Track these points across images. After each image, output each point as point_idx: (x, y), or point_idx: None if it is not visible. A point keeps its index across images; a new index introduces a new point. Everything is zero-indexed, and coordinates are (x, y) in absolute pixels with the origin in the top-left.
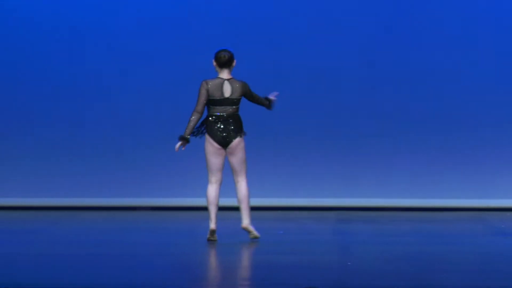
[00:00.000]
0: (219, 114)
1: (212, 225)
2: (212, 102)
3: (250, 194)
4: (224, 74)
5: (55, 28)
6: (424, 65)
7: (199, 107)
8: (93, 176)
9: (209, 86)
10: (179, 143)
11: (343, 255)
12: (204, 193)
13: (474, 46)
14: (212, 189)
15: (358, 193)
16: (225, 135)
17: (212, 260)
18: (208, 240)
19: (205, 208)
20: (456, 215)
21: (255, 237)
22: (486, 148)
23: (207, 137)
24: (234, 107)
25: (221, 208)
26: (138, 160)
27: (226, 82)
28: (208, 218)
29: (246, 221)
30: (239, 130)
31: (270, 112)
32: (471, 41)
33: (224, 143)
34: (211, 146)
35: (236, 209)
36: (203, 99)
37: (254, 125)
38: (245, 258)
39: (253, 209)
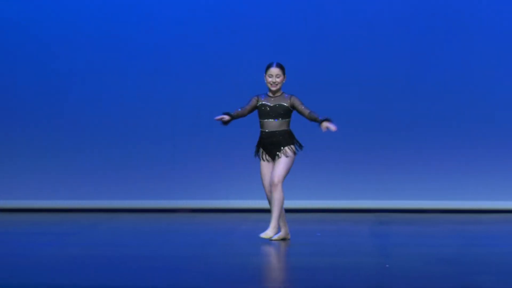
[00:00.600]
0: None
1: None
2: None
3: (294, 196)
4: None
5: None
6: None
7: None
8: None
9: None
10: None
11: (381, 258)
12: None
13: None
14: None
15: (397, 195)
16: None
17: (250, 261)
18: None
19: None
20: (496, 217)
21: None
22: None
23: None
24: None
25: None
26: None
27: None
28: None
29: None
30: None
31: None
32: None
33: None
34: None
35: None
36: None
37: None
38: (283, 260)
39: (292, 211)
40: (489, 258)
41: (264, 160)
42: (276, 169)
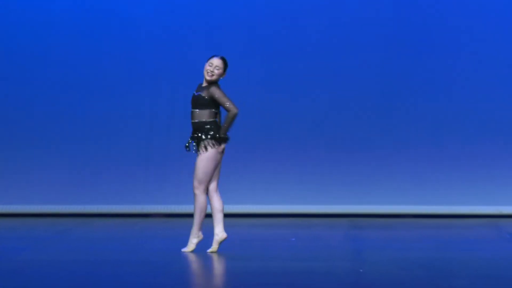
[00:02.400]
0: None
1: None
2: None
3: (268, 201)
4: None
5: (71, 38)
6: (441, 72)
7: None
8: (106, 183)
9: None
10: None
11: (355, 262)
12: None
13: (486, 55)
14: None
15: (370, 199)
16: None
17: (222, 267)
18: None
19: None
20: (469, 222)
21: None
22: (500, 155)
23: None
24: None
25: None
26: (151, 167)
27: None
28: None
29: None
30: None
31: (283, 120)
32: (483, 49)
33: None
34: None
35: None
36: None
37: (266, 132)
38: (258, 265)
39: (266, 215)
40: (462, 263)
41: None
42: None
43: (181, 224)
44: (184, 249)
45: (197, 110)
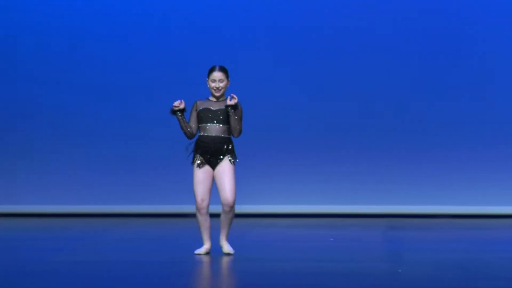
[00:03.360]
0: None
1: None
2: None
3: (305, 201)
4: None
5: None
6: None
7: None
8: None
9: None
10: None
11: (393, 263)
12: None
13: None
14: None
15: (408, 200)
16: None
17: (260, 267)
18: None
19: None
20: (507, 222)
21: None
22: None
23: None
24: None
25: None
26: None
27: None
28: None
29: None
30: None
31: (318, 120)
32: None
33: None
34: None
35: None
36: None
37: (299, 133)
38: (296, 266)
39: (304, 216)
40: (500, 263)
41: (200, 168)
42: (230, 188)
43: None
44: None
45: (220, 125)
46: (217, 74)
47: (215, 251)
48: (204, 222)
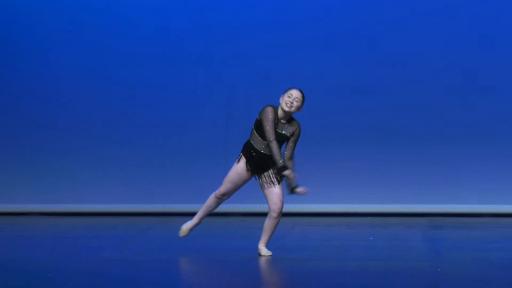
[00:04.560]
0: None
1: None
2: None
3: (346, 200)
4: None
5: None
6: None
7: None
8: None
9: None
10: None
11: (434, 261)
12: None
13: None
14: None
15: (449, 199)
16: None
17: (302, 265)
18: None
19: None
20: None
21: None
22: None
23: None
24: None
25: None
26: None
27: None
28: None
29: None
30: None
31: (357, 119)
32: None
33: None
34: None
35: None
36: None
37: (340, 132)
38: (335, 265)
39: (344, 215)
40: None
41: (247, 170)
42: (279, 193)
43: (257, 223)
44: None
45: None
46: (296, 93)
47: (253, 252)
48: (213, 205)
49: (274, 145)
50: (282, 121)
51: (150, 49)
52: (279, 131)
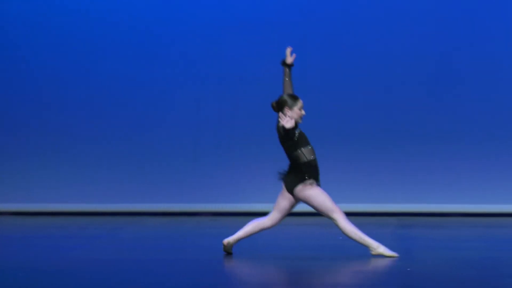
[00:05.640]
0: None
1: None
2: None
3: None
4: None
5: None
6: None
7: None
8: (156, 182)
9: None
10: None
11: (404, 261)
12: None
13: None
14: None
15: (419, 198)
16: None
17: (269, 264)
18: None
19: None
20: None
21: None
22: None
23: None
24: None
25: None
26: (199, 166)
27: None
28: None
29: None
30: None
31: (333, 118)
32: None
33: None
34: None
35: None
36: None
37: (316, 131)
38: (305, 264)
39: (314, 215)
40: None
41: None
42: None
43: (229, 223)
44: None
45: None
46: (302, 103)
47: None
48: (349, 227)
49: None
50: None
51: (121, 48)
52: (298, 132)
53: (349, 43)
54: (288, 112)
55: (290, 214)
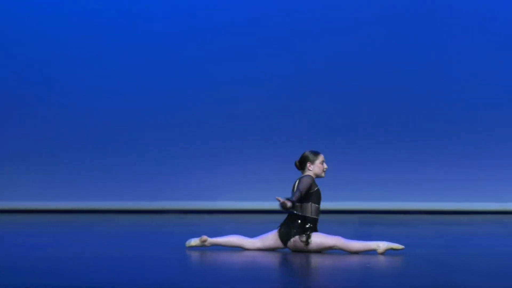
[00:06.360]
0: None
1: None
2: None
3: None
4: None
5: (75, 39)
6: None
7: None
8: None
9: None
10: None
11: (364, 258)
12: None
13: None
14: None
15: (380, 196)
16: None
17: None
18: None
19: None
20: (477, 218)
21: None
22: (506, 153)
23: None
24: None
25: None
26: (167, 164)
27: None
28: None
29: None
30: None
31: (297, 118)
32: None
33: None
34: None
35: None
36: None
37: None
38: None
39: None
40: (469, 258)
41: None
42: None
43: (195, 220)
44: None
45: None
46: (323, 157)
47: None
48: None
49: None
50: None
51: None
52: (316, 188)
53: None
54: (310, 167)
55: (266, 212)
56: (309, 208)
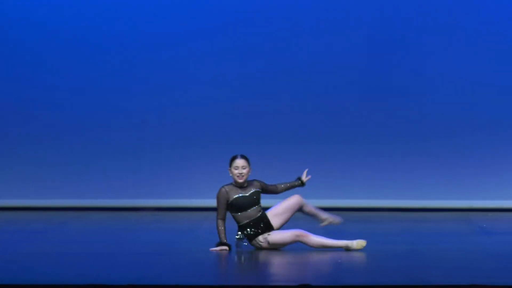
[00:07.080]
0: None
1: None
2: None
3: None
4: None
5: (65, 34)
6: (432, 70)
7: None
8: (100, 178)
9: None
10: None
11: (334, 253)
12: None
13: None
14: None
15: (348, 194)
16: None
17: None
18: None
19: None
20: (442, 216)
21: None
22: (471, 152)
23: None
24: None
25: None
26: (143, 162)
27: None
28: None
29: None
30: None
31: (265, 114)
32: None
33: None
34: None
35: None
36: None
37: (258, 126)
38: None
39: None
40: (436, 255)
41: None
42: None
43: (172, 218)
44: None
45: (255, 207)
46: (239, 161)
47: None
48: None
49: (219, 223)
50: (241, 188)
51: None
52: (242, 195)
53: (262, 48)
54: (230, 173)
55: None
56: (237, 218)
